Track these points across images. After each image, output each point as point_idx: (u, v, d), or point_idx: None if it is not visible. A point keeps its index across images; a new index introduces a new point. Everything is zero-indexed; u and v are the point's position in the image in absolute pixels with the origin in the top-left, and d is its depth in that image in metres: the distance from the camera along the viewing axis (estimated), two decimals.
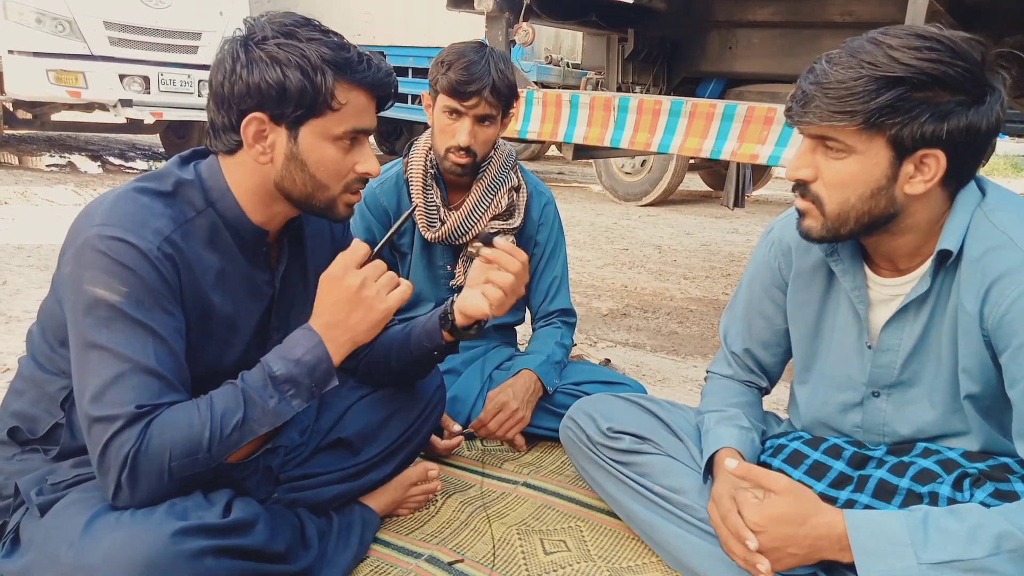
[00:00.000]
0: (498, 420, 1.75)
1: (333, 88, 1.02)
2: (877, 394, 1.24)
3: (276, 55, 1.00)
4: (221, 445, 0.97)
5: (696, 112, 2.38)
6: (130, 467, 0.93)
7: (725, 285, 4.00)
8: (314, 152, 1.05)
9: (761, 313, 1.39)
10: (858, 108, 1.00)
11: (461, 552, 1.39)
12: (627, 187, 6.71)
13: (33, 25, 5.53)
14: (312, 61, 1.00)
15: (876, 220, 1.09)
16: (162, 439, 0.94)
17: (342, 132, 1.05)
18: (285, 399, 1.00)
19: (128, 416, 0.93)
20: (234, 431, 0.97)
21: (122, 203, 1.01)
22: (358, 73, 1.04)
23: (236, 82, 1.01)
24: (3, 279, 3.06)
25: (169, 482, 0.96)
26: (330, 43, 1.03)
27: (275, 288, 1.18)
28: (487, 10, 2.88)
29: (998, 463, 1.15)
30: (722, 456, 1.26)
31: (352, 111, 1.05)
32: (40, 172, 6.36)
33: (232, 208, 1.09)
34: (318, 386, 1.04)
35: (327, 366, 1.04)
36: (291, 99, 1.00)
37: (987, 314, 1.07)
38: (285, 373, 1.01)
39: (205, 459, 0.97)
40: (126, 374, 0.95)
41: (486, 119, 1.73)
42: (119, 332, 0.95)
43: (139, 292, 0.97)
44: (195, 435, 0.96)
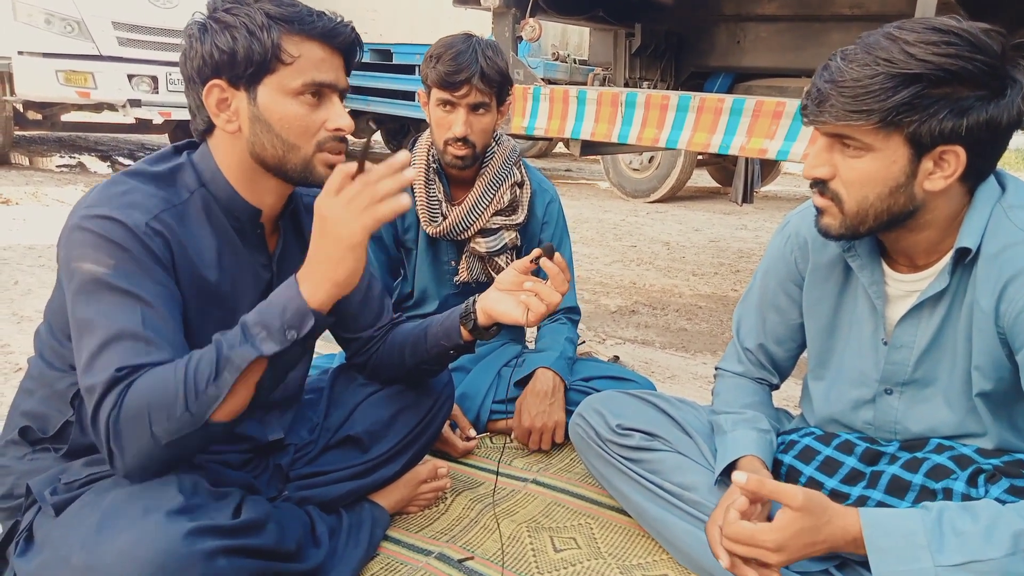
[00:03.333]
0: (533, 441, 1.77)
1: (279, 41, 1.02)
2: (890, 391, 1.23)
3: (224, 20, 1.02)
4: (198, 401, 0.92)
5: (704, 107, 2.37)
6: (113, 431, 0.92)
7: (734, 281, 3.98)
8: (275, 109, 1.04)
9: (776, 307, 1.38)
10: (874, 107, 0.99)
11: (471, 550, 1.39)
12: (635, 184, 6.68)
13: (42, 26, 5.56)
14: (257, 20, 1.01)
15: (895, 217, 1.08)
16: (139, 400, 0.92)
17: (300, 85, 1.04)
18: (253, 342, 0.95)
19: (107, 382, 0.92)
20: (208, 385, 0.93)
21: (110, 187, 1.02)
22: (306, 24, 1.03)
23: (194, 57, 1.04)
24: (15, 279, 3.08)
25: (157, 446, 0.93)
26: (277, 1, 1.03)
27: (272, 272, 1.18)
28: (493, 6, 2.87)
29: (1013, 459, 1.14)
30: (744, 464, 1.24)
31: (307, 64, 1.04)
32: (50, 173, 6.40)
33: (224, 188, 1.10)
34: (291, 327, 0.95)
35: (298, 304, 0.96)
36: (241, 59, 1.02)
37: (1003, 311, 1.06)
38: (256, 317, 0.97)
39: (187, 418, 0.92)
40: (110, 342, 0.94)
41: (480, 107, 1.73)
42: (106, 303, 0.95)
43: (126, 264, 0.97)
44: (170, 393, 0.92)
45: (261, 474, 1.26)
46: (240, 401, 0.98)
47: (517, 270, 1.22)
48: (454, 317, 1.29)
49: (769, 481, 1.09)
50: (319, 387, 1.46)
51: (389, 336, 1.39)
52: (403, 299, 1.97)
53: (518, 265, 1.23)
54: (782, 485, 1.08)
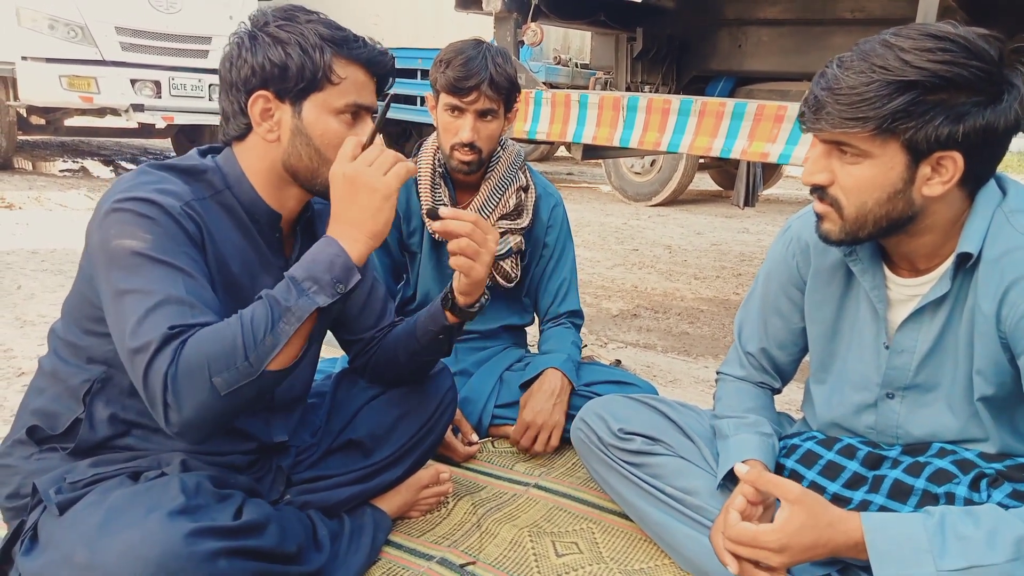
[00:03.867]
0: (528, 438, 1.77)
1: (331, 63, 1.08)
2: (891, 396, 1.23)
3: (278, 35, 1.07)
4: (257, 351, 0.96)
5: (706, 111, 2.37)
6: (171, 384, 0.93)
7: (736, 285, 3.98)
8: (318, 125, 1.10)
9: (777, 311, 1.38)
10: (870, 114, 0.99)
11: (473, 554, 1.39)
12: (637, 187, 6.69)
13: (46, 31, 5.58)
14: (310, 39, 1.07)
15: (895, 222, 1.08)
16: (198, 352, 0.94)
17: (343, 105, 1.10)
18: (307, 295, 0.99)
19: (161, 338, 0.94)
20: (266, 335, 0.96)
21: (144, 175, 1.06)
22: (354, 49, 1.10)
23: (242, 66, 1.08)
24: (18, 284, 3.08)
25: (216, 397, 0.95)
26: (327, 23, 1.10)
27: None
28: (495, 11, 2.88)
29: (1016, 463, 1.14)
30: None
31: (351, 85, 1.10)
32: (53, 177, 6.42)
33: (248, 191, 1.14)
34: (340, 280, 1.01)
35: (344, 259, 1.02)
36: (292, 75, 1.07)
37: (1005, 316, 1.06)
38: (304, 273, 1.01)
39: (245, 368, 0.95)
40: (158, 306, 0.96)
41: (488, 114, 1.73)
42: (148, 274, 0.98)
43: (163, 239, 1.00)
44: (228, 344, 0.95)
45: (264, 477, 1.26)
46: (294, 351, 1.01)
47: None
48: (437, 303, 1.34)
49: (767, 473, 1.11)
50: (322, 391, 1.47)
51: (386, 337, 1.40)
52: (406, 302, 1.97)
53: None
54: (779, 478, 1.09)
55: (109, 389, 1.11)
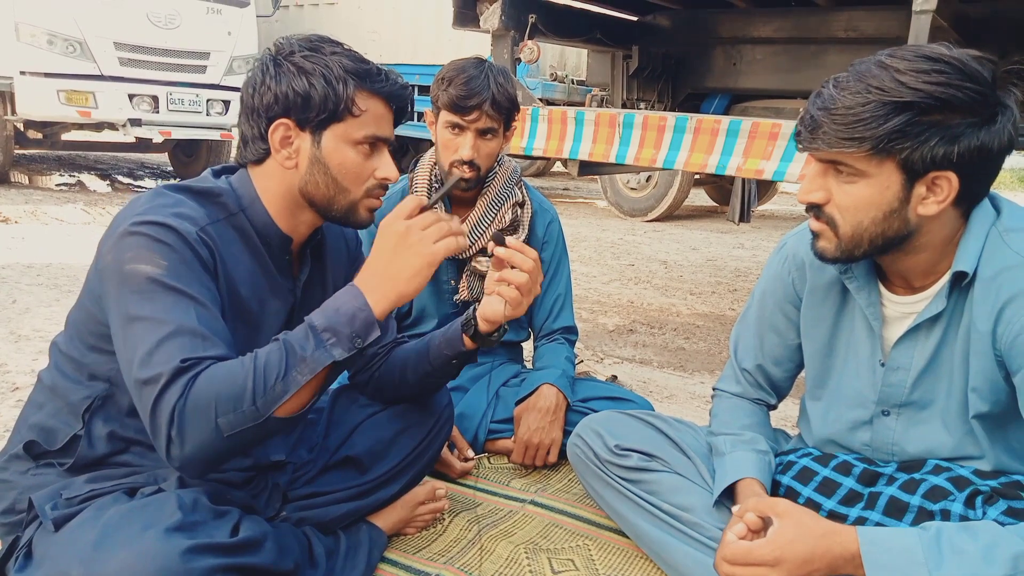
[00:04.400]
0: (528, 456, 1.78)
1: (354, 95, 1.09)
2: (887, 413, 1.23)
3: (302, 65, 1.08)
4: (266, 397, 0.95)
5: (701, 128, 2.39)
6: (177, 419, 0.93)
7: (732, 300, 3.99)
8: (336, 155, 1.11)
9: (773, 328, 1.39)
10: (866, 135, 1.00)
11: (469, 571, 1.38)
12: (632, 203, 6.72)
13: (44, 46, 5.61)
14: (335, 71, 1.08)
15: (890, 241, 1.09)
16: (208, 391, 0.94)
17: (362, 137, 1.11)
18: (325, 347, 0.99)
19: (172, 371, 0.94)
20: (277, 381, 0.96)
21: (160, 197, 1.07)
22: (377, 83, 1.12)
23: (265, 92, 1.09)
24: (13, 298, 3.08)
25: (218, 438, 0.95)
26: (351, 56, 1.12)
27: (296, 296, 1.22)
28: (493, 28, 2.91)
29: (1011, 480, 1.14)
30: (743, 487, 1.25)
31: (371, 118, 1.12)
32: (50, 191, 6.42)
33: (261, 214, 1.15)
34: (359, 335, 1.01)
35: (366, 315, 1.01)
36: (315, 105, 1.08)
37: (1000, 334, 1.07)
38: (324, 323, 1.00)
39: (252, 412, 0.95)
40: (169, 336, 0.96)
41: (488, 132, 1.74)
42: (161, 301, 0.98)
43: (178, 266, 1.00)
44: (239, 386, 0.95)
45: (260, 493, 1.26)
46: (303, 400, 1.01)
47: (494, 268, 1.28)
48: (456, 326, 1.33)
49: (751, 500, 1.11)
50: (319, 407, 1.46)
51: (391, 355, 1.39)
52: (401, 318, 1.97)
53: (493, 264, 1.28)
54: (764, 499, 1.09)
55: (109, 407, 1.11)
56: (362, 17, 7.75)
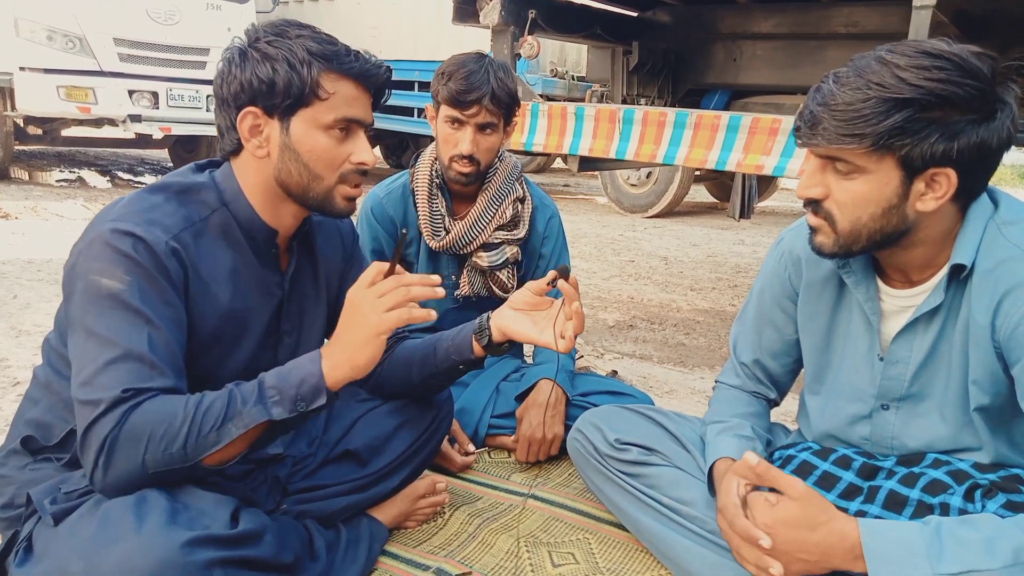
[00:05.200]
0: (532, 453, 1.78)
1: (319, 78, 1.07)
2: (886, 407, 1.24)
3: (267, 52, 1.06)
4: (197, 443, 0.96)
5: (701, 123, 2.39)
6: (107, 450, 0.94)
7: (732, 296, 3.99)
8: (306, 141, 1.09)
9: (771, 323, 1.39)
10: (867, 131, 1.00)
11: (469, 564, 1.39)
12: (633, 199, 6.72)
13: (44, 42, 5.60)
14: (298, 55, 1.06)
15: (888, 236, 1.09)
16: (142, 426, 0.94)
17: (332, 121, 1.09)
18: (265, 404, 0.99)
19: (112, 400, 0.94)
20: (212, 431, 0.96)
21: (135, 202, 1.06)
22: (344, 63, 1.08)
23: (232, 81, 1.08)
24: (14, 293, 3.08)
25: (142, 474, 0.95)
26: (318, 38, 1.08)
27: (284, 290, 1.21)
28: (493, 24, 2.90)
29: (1010, 474, 1.14)
30: (720, 467, 1.25)
31: (341, 100, 1.09)
32: (50, 187, 6.42)
33: (244, 208, 1.14)
34: (303, 399, 1.01)
35: (316, 381, 1.02)
36: (279, 91, 1.06)
37: (999, 325, 1.07)
38: (274, 380, 1.02)
39: (180, 455, 0.95)
40: (116, 360, 0.96)
41: (487, 127, 1.74)
42: (116, 320, 0.98)
43: (142, 281, 1.00)
44: (174, 429, 0.95)
45: (259, 487, 1.26)
46: (234, 451, 1.01)
47: (532, 291, 1.27)
48: (467, 332, 1.32)
49: (774, 468, 1.11)
50: None
51: (394, 351, 1.40)
52: None
53: (533, 286, 1.27)
54: (784, 474, 1.10)
55: None
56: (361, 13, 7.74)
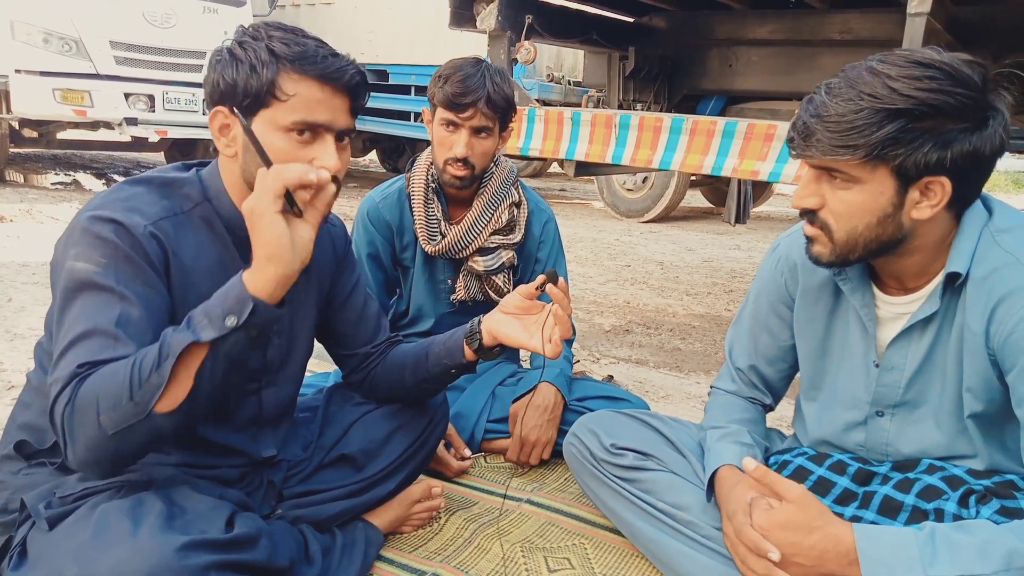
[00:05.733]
0: (524, 454, 1.78)
1: (276, 78, 1.04)
2: (881, 413, 1.24)
3: (235, 52, 1.06)
4: (142, 390, 0.92)
5: (697, 129, 2.40)
6: (67, 424, 0.93)
7: (727, 301, 4.00)
8: (264, 142, 1.05)
9: (767, 329, 1.39)
10: (860, 142, 1.00)
11: (465, 570, 1.38)
12: (629, 204, 6.73)
13: (40, 45, 5.59)
14: (260, 55, 1.04)
15: (885, 245, 1.09)
16: (91, 391, 0.93)
17: (290, 123, 1.05)
18: (192, 328, 0.94)
19: (67, 376, 0.94)
20: (151, 373, 0.92)
21: (115, 191, 1.06)
22: (307, 64, 1.04)
23: (207, 83, 1.09)
24: (8, 296, 3.07)
25: (103, 437, 0.92)
26: (288, 39, 1.05)
27: None
28: (489, 29, 2.91)
29: (1004, 480, 1.15)
30: (723, 474, 1.26)
31: (301, 102, 1.05)
32: (45, 190, 6.40)
33: (227, 204, 1.13)
34: (232, 312, 0.94)
35: (238, 291, 0.96)
36: (239, 91, 1.05)
37: (993, 333, 1.07)
38: (202, 307, 0.97)
39: (131, 409, 0.92)
40: (79, 339, 0.96)
41: (483, 131, 1.75)
42: (87, 303, 0.97)
43: (118, 263, 0.99)
44: (118, 383, 0.92)
45: (255, 491, 1.26)
46: (182, 391, 0.95)
47: (522, 295, 1.27)
48: (458, 336, 1.32)
49: (771, 472, 1.12)
50: (314, 405, 1.47)
51: (388, 355, 1.40)
52: (398, 317, 1.97)
53: (523, 290, 1.27)
54: (782, 478, 1.10)
55: None
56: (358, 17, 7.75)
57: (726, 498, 1.22)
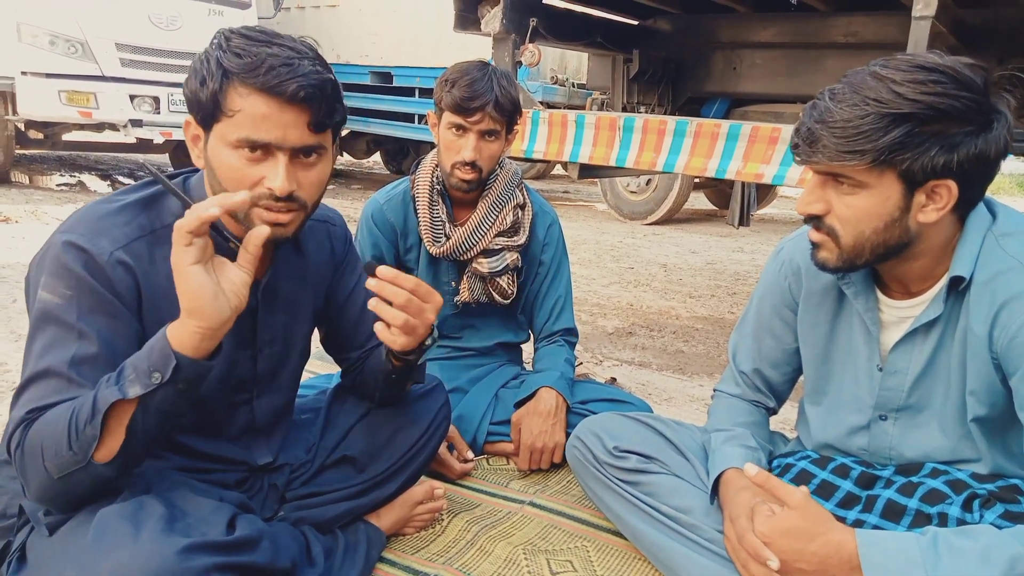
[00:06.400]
0: (534, 461, 1.78)
1: (218, 93, 0.98)
2: (884, 417, 1.24)
3: (196, 63, 1.02)
4: (79, 440, 0.92)
5: (701, 132, 2.39)
6: (19, 464, 0.96)
7: (731, 304, 3.99)
8: (215, 157, 1.02)
9: (771, 332, 1.39)
10: (867, 147, 1.00)
11: (467, 572, 1.38)
12: (632, 206, 6.73)
13: (46, 47, 5.62)
14: (210, 67, 0.99)
15: (891, 249, 1.09)
16: (37, 436, 0.95)
17: (235, 140, 0.99)
18: (121, 384, 0.93)
19: (18, 420, 0.96)
20: (86, 425, 0.92)
21: (88, 212, 1.05)
22: (250, 76, 0.97)
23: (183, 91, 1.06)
24: (13, 297, 3.08)
25: (51, 480, 0.94)
26: (242, 48, 0.98)
27: (257, 300, 1.18)
28: (494, 32, 2.91)
29: (1008, 484, 1.15)
30: (728, 477, 1.25)
31: (246, 119, 0.98)
32: (50, 191, 6.42)
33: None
34: (157, 369, 0.92)
35: (162, 346, 0.93)
36: (195, 104, 1.02)
37: (996, 337, 1.07)
38: (132, 359, 0.95)
39: (71, 457, 0.93)
40: (34, 378, 0.97)
41: (490, 134, 1.75)
42: (46, 336, 0.98)
43: (82, 295, 0.99)
44: (59, 431, 0.93)
45: (256, 494, 1.26)
46: (115, 442, 0.94)
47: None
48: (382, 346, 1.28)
49: (773, 477, 1.12)
50: (316, 407, 1.47)
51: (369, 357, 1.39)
52: None
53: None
54: (784, 483, 1.10)
55: None
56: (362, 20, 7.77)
57: (730, 502, 1.22)
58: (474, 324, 1.98)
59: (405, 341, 1.12)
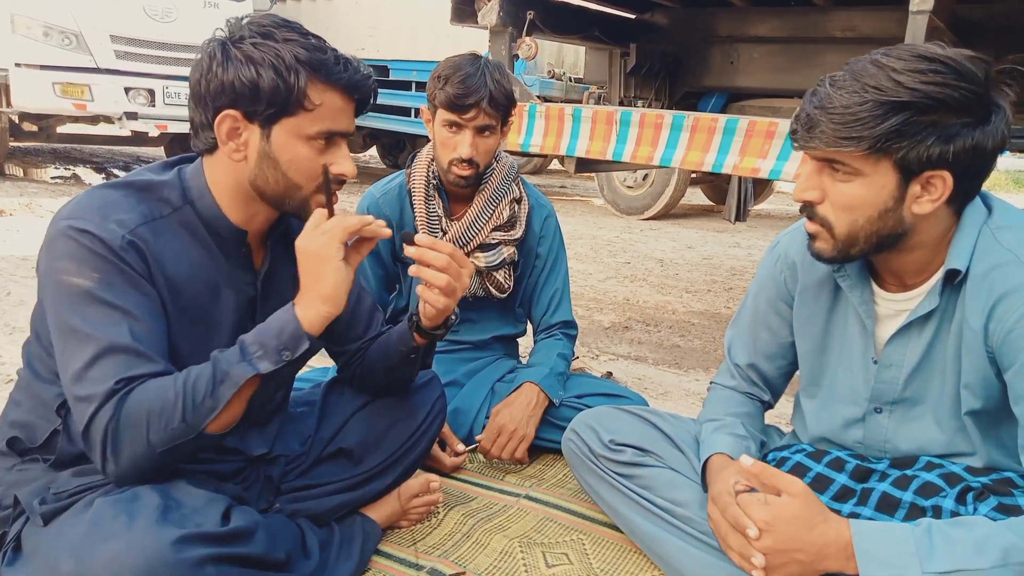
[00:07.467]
0: (499, 444, 1.75)
1: (306, 88, 1.03)
2: (879, 410, 1.24)
3: (251, 54, 1.01)
4: (195, 413, 0.98)
5: (698, 126, 2.39)
6: (111, 440, 0.96)
7: (727, 299, 4.00)
8: (286, 151, 1.05)
9: (766, 326, 1.39)
10: (864, 134, 1.00)
11: (463, 564, 1.38)
12: (629, 201, 6.73)
13: (40, 39, 5.59)
14: (286, 61, 1.01)
15: (885, 239, 1.09)
16: (139, 409, 0.96)
17: (315, 132, 1.05)
18: (250, 360, 1.00)
19: (106, 393, 0.96)
20: (206, 398, 0.98)
21: (90, 198, 1.04)
22: (333, 74, 1.04)
23: (212, 80, 1.03)
24: (7, 290, 3.07)
25: (150, 454, 0.98)
26: (306, 44, 1.03)
27: (257, 290, 1.19)
28: (491, 24, 2.91)
29: (1002, 477, 1.15)
30: (714, 462, 1.26)
31: (327, 112, 1.05)
32: (45, 184, 6.40)
33: (210, 207, 1.11)
34: (287, 347, 1.02)
35: (294, 327, 1.03)
36: (264, 98, 1.02)
37: (992, 331, 1.07)
38: (254, 337, 1.03)
39: (182, 429, 0.98)
40: (103, 354, 0.97)
41: (486, 129, 1.74)
42: (94, 314, 0.98)
43: (110, 276, 0.99)
44: (169, 404, 0.97)
45: (252, 486, 1.26)
46: (234, 414, 1.03)
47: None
48: (405, 322, 1.33)
49: (770, 467, 1.12)
50: (312, 400, 1.46)
51: (369, 349, 1.39)
52: (398, 313, 1.97)
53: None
54: (782, 473, 1.10)
55: None
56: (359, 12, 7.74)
57: (712, 481, 1.22)
58: (471, 318, 1.97)
59: (446, 302, 1.20)
